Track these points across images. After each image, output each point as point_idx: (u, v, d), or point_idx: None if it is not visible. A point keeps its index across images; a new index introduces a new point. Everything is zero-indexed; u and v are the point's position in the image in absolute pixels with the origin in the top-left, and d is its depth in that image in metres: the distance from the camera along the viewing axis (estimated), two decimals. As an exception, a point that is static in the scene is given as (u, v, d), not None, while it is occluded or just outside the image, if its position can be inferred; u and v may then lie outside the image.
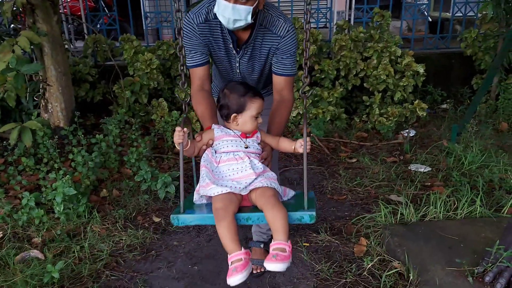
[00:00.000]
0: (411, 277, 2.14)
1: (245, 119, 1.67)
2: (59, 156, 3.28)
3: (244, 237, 2.67)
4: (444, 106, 4.74)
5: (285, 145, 1.74)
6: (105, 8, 6.51)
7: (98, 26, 5.03)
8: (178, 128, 1.56)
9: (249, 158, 1.63)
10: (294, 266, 2.41)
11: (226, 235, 1.48)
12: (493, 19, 4.39)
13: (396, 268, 2.24)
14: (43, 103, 3.74)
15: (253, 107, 1.66)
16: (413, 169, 3.42)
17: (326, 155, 3.81)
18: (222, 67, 2.01)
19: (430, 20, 6.21)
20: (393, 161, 3.62)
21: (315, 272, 2.34)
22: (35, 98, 3.79)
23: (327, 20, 4.95)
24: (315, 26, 4.82)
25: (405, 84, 4.28)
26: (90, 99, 4.32)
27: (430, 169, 3.40)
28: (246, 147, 1.67)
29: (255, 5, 1.70)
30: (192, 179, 1.73)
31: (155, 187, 3.03)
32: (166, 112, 3.97)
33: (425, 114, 4.21)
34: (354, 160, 3.70)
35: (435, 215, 2.62)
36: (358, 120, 4.36)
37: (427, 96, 4.83)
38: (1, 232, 2.62)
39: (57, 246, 2.51)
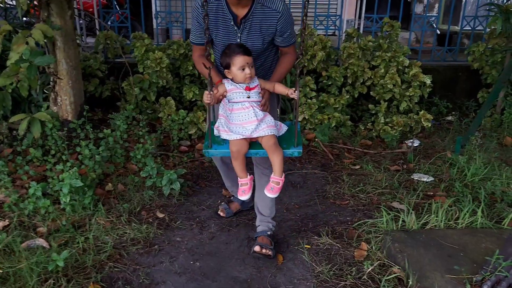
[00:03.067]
0: (410, 283, 2.17)
1: (234, 72, 2.11)
2: (66, 148, 3.32)
3: (246, 237, 2.71)
4: (449, 118, 4.76)
5: (281, 89, 2.21)
6: (116, 6, 6.58)
7: (110, 23, 5.08)
8: (206, 92, 2.06)
9: (252, 108, 2.12)
10: (294, 267, 2.44)
11: (238, 167, 2.18)
12: (502, 34, 4.42)
13: (395, 274, 2.26)
14: (53, 96, 3.78)
15: (236, 61, 2.08)
16: (416, 178, 3.44)
17: (330, 161, 3.84)
18: (223, 43, 2.25)
19: (439, 32, 6.25)
20: (396, 169, 3.65)
21: (315, 274, 2.37)
22: (45, 91, 3.84)
23: (336, 28, 5.00)
24: (325, 33, 4.87)
25: (411, 94, 4.31)
26: (98, 94, 4.36)
27: (433, 179, 3.42)
28: (248, 97, 2.13)
29: None
30: (196, 177, 2.20)
31: (160, 184, 3.06)
32: (173, 110, 4.01)
33: (430, 125, 4.23)
34: (357, 166, 3.73)
35: (436, 223, 2.64)
36: (363, 128, 4.39)
37: (433, 107, 4.86)
38: (7, 220, 2.66)
39: (62, 236, 2.54)
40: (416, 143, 4.17)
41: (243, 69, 2.10)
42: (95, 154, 3.18)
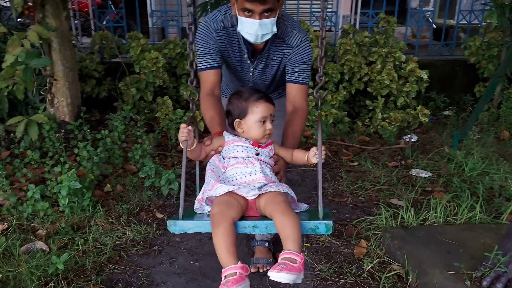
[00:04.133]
0: (410, 280, 2.18)
1: (250, 124, 1.58)
2: (64, 150, 3.32)
3: (246, 236, 2.71)
4: (447, 112, 4.77)
5: (299, 156, 1.64)
6: (111, 6, 6.55)
7: (105, 23, 5.07)
8: (183, 125, 1.49)
9: (260, 164, 1.54)
10: (294, 265, 2.44)
11: (222, 244, 1.31)
12: (498, 28, 4.43)
13: (395, 271, 2.27)
14: (50, 98, 3.77)
15: (256, 110, 1.57)
16: (414, 174, 3.45)
17: (328, 158, 3.84)
18: (235, 74, 2.03)
19: (435, 27, 6.25)
20: (394, 165, 3.65)
21: (315, 272, 2.37)
22: (41, 93, 3.83)
23: (332, 24, 4.99)
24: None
25: (408, 90, 4.31)
26: (95, 95, 4.35)
27: (431, 174, 3.43)
28: (257, 154, 1.58)
29: (277, 15, 1.72)
30: (194, 177, 1.66)
31: (159, 184, 3.06)
32: (171, 110, 4.01)
33: (427, 120, 4.24)
34: (355, 163, 3.73)
35: (435, 219, 2.65)
36: (360, 124, 4.39)
37: (430, 102, 4.86)
38: (6, 223, 2.66)
39: (61, 239, 2.54)
40: (414, 138, 4.18)
41: (264, 122, 1.59)
42: (93, 155, 3.18)
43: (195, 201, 1.56)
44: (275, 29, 1.73)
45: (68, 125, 3.65)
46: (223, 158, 1.60)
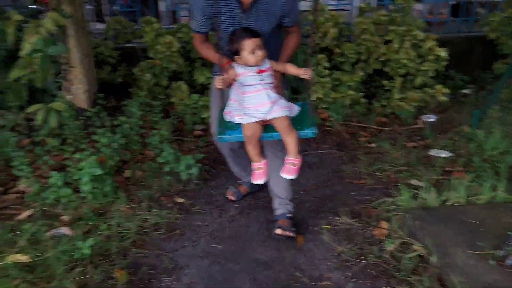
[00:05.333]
0: (432, 260, 2.17)
1: (245, 57, 2.09)
2: (84, 137, 3.35)
3: (265, 219, 2.72)
4: (466, 91, 4.67)
5: (292, 70, 2.20)
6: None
7: (118, 8, 5.05)
8: (217, 77, 2.12)
9: (265, 90, 2.11)
10: (315, 247, 2.45)
11: (253, 151, 2.20)
12: (519, 2, 4.29)
13: (417, 251, 2.27)
14: (66, 85, 3.79)
15: (246, 46, 2.07)
16: (434, 154, 3.41)
17: (346, 140, 3.82)
18: (228, 31, 2.20)
19: (454, 3, 6.08)
20: (413, 146, 3.61)
21: (336, 254, 2.38)
22: (58, 80, 3.85)
23: (348, 2, 4.89)
24: (335, 8, 4.77)
25: (426, 69, 4.23)
26: (111, 81, 4.36)
27: (451, 154, 3.38)
28: (261, 80, 2.11)
29: None
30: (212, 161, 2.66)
31: (178, 169, 3.08)
32: (186, 95, 4.00)
33: (446, 99, 4.16)
34: (373, 145, 3.70)
35: (456, 200, 2.63)
36: (377, 105, 4.33)
37: (448, 81, 4.76)
38: (31, 209, 2.71)
39: (85, 224, 2.59)
40: (433, 118, 4.11)
41: (254, 52, 2.09)
42: (112, 141, 3.20)
43: (224, 113, 2.24)
44: None
45: (86, 112, 3.68)
46: (240, 85, 2.15)
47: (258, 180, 2.24)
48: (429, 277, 2.11)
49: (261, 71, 2.14)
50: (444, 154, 3.38)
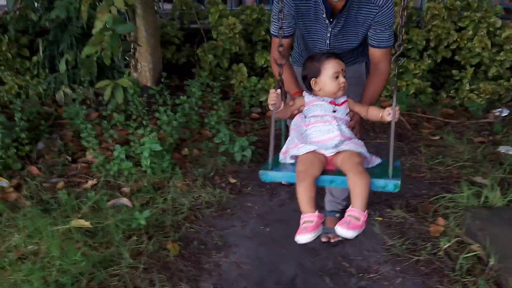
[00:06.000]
0: (491, 262, 2.05)
1: (324, 81, 1.74)
2: (146, 114, 3.50)
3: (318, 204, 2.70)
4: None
5: (374, 113, 1.76)
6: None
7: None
8: (272, 90, 1.67)
9: (337, 121, 1.71)
10: (364, 238, 2.40)
11: (304, 196, 1.58)
12: None
13: (475, 252, 2.15)
14: (133, 63, 3.97)
15: (328, 67, 1.72)
16: (503, 151, 3.18)
17: (407, 131, 3.67)
18: (310, 38, 1.97)
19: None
20: (480, 141, 3.39)
21: (386, 247, 2.32)
22: (126, 58, 4.04)
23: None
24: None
25: (502, 59, 3.92)
26: (175, 61, 4.50)
27: (522, 152, 3.14)
28: (334, 111, 1.73)
29: None
30: (267, 144, 1.98)
31: (233, 150, 3.13)
32: (245, 77, 4.03)
33: (522, 93, 3.85)
34: (437, 137, 3.52)
35: (524, 201, 2.45)
36: (445, 96, 4.11)
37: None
38: (96, 179, 2.90)
39: (143, 196, 2.72)
40: (505, 112, 3.82)
41: (337, 77, 1.73)
42: (172, 120, 3.32)
43: (280, 153, 1.79)
44: None
45: (150, 89, 3.83)
46: (305, 117, 1.78)
47: (304, 237, 1.55)
48: (485, 280, 2.00)
49: (335, 103, 1.77)
50: (515, 151, 3.15)
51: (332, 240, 2.34)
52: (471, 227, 2.28)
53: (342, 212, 2.42)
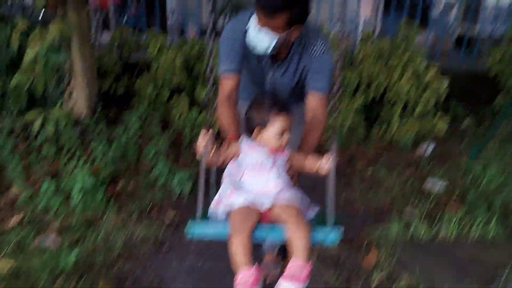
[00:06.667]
0: (420, 293, 2.14)
1: (269, 135, 1.61)
2: (80, 145, 3.36)
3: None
4: (466, 122, 4.69)
5: (311, 164, 1.67)
6: (132, 2, 6.62)
7: (125, 19, 5.12)
8: (203, 131, 1.55)
9: (274, 171, 1.59)
10: (303, 272, 2.42)
11: (239, 250, 1.42)
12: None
13: (405, 283, 2.24)
14: (68, 93, 3.82)
15: (277, 123, 1.59)
16: (429, 184, 3.39)
17: (342, 165, 3.81)
18: (253, 76, 2.00)
19: (457, 36, 6.15)
20: (409, 174, 3.60)
21: (323, 280, 2.35)
22: (60, 88, 3.88)
23: (353, 28, 4.95)
24: (340, 33, 4.82)
25: (427, 98, 4.25)
26: (113, 91, 4.39)
27: (446, 185, 3.37)
28: (272, 161, 1.62)
29: (282, 36, 1.67)
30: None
31: (171, 183, 3.07)
32: (186, 109, 4.02)
33: (445, 129, 4.17)
34: (370, 171, 3.69)
35: (448, 233, 2.61)
36: (377, 131, 4.34)
37: (449, 111, 4.78)
38: (22, 215, 2.70)
39: (74, 233, 2.57)
40: (431, 147, 4.11)
41: (282, 134, 1.61)
42: (108, 151, 3.21)
43: (211, 205, 1.62)
44: (271, 46, 1.70)
45: (84, 120, 3.69)
46: (240, 165, 1.64)
47: None
48: (415, 311, 2.08)
49: (274, 153, 1.64)
50: (439, 185, 3.37)
51: (267, 282, 2.30)
52: (401, 259, 2.39)
53: (280, 249, 2.42)
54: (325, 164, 1.61)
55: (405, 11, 4.90)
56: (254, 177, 1.60)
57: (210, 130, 1.57)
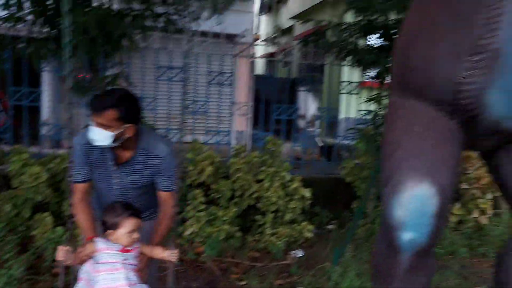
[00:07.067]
0: None
1: (120, 235, 1.92)
2: None
3: None
4: (330, 227, 5.10)
5: (158, 252, 2.06)
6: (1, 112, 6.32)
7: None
8: (60, 248, 1.88)
9: (125, 270, 1.89)
10: None
11: None
12: (367, 152, 5.04)
13: None
14: None
15: (127, 225, 1.92)
16: (298, 293, 3.53)
17: (217, 277, 3.80)
18: (101, 183, 2.20)
19: (321, 145, 6.94)
20: (279, 283, 3.72)
21: None
22: None
23: (226, 141, 5.31)
24: (215, 145, 5.13)
25: (293, 207, 4.59)
26: (-36, 209, 3.95)
27: (313, 293, 3.53)
28: (125, 259, 1.92)
29: (117, 132, 1.99)
30: None
31: (22, 317, 2.74)
32: (50, 228, 3.75)
33: (311, 235, 4.48)
34: (243, 282, 3.73)
35: None
36: (251, 239, 4.48)
37: (315, 217, 5.18)
38: None
39: None
40: (300, 253, 4.34)
41: (132, 233, 1.94)
42: None
43: None
44: (108, 142, 2.00)
45: None
46: (95, 263, 1.91)
47: None
48: None
49: (126, 251, 1.97)
50: (306, 293, 3.52)
51: None
52: None
53: None
54: (170, 255, 2.02)
55: (272, 127, 5.45)
56: (107, 275, 1.86)
57: (68, 247, 1.89)
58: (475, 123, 1.78)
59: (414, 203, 1.74)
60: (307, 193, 4.62)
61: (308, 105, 7.19)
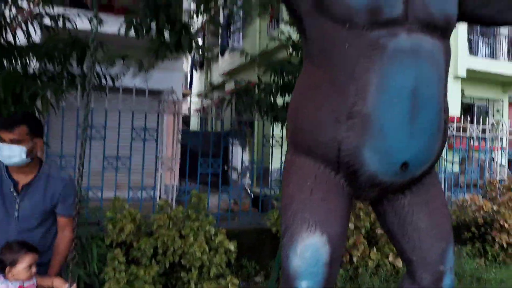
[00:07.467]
0: None
1: (19, 271, 2.04)
2: None
3: None
4: (257, 279, 5.12)
5: (57, 283, 2.17)
6: None
7: None
8: None
9: None
10: None
11: None
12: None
13: None
14: None
15: (25, 261, 2.05)
16: None
17: None
18: (7, 209, 2.20)
19: (252, 196, 7.05)
20: None
21: None
22: None
23: (151, 196, 5.26)
24: (140, 201, 5.05)
25: (219, 260, 4.57)
26: None
27: None
28: None
29: (29, 146, 2.11)
30: None
31: None
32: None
33: (238, 289, 4.46)
34: None
35: None
36: (176, 298, 4.37)
37: (243, 269, 5.18)
38: None
39: None
40: (226, 309, 4.29)
41: (30, 267, 2.09)
42: None
43: None
44: (24, 156, 2.09)
45: None
46: None
47: None
48: None
49: (26, 284, 2.10)
50: None
51: None
52: None
53: None
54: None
55: (198, 180, 5.50)
56: None
57: None
58: (356, 177, 1.99)
59: (307, 252, 1.87)
60: (231, 246, 4.64)
61: (240, 157, 7.37)
